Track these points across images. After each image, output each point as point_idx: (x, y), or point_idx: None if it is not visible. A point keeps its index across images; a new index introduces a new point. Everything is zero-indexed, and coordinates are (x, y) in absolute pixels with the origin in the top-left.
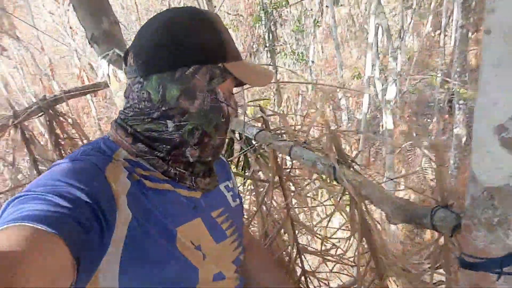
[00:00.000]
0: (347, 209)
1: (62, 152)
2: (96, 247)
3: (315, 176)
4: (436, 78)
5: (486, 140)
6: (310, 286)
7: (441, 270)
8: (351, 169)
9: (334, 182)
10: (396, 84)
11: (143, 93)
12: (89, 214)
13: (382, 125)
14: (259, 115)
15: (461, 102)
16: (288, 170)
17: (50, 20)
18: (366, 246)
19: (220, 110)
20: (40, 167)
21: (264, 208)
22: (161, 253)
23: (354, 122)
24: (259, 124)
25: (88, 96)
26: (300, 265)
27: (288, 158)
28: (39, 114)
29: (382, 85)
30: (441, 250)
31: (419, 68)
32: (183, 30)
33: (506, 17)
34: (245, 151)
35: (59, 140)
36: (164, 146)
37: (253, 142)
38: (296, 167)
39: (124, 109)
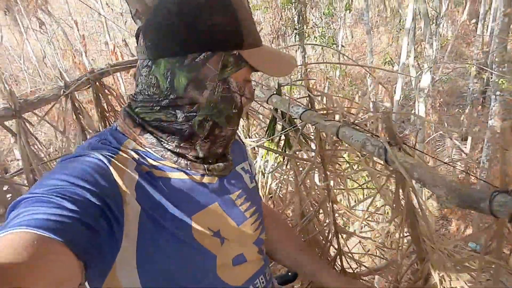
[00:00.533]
0: (390, 193)
1: (107, 123)
2: (107, 245)
3: (357, 158)
4: (472, 67)
5: None
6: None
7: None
8: (402, 151)
9: (378, 164)
10: (431, 72)
11: (151, 78)
12: (96, 213)
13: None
14: (304, 95)
15: (497, 93)
16: (331, 151)
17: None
18: (407, 230)
19: (232, 101)
20: (88, 137)
21: (303, 188)
22: (175, 243)
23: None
24: (304, 104)
25: (118, 75)
26: (336, 246)
27: (329, 140)
28: (87, 86)
29: (416, 73)
30: (494, 236)
31: (454, 57)
32: (196, 12)
33: None
34: (288, 129)
35: (105, 112)
36: (173, 137)
37: (297, 122)
38: (340, 148)
39: (134, 93)
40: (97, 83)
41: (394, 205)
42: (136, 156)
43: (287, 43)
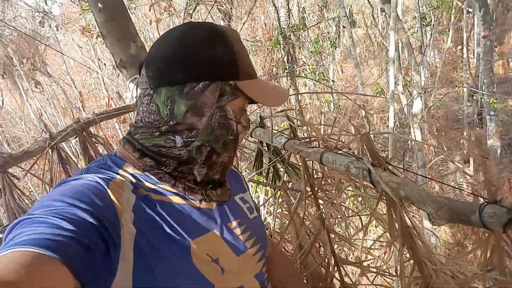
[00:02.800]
0: (385, 217)
1: None
2: (103, 267)
3: (347, 183)
4: (462, 90)
5: None
6: None
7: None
8: (386, 171)
9: (369, 187)
10: (421, 97)
11: (152, 106)
12: (93, 234)
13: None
14: (286, 126)
15: (492, 113)
16: (320, 179)
17: (78, 55)
18: (408, 253)
19: (228, 128)
20: None
21: (297, 219)
22: (173, 270)
23: (380, 139)
24: (287, 134)
25: (116, 125)
26: (338, 278)
27: (319, 167)
28: (73, 136)
29: (407, 100)
30: (493, 250)
31: (444, 82)
32: (196, 45)
33: None
34: (274, 161)
35: (93, 160)
36: (171, 161)
37: (282, 152)
38: (327, 176)
39: (134, 121)
40: (83, 133)
41: (390, 228)
42: (133, 179)
43: (280, 84)
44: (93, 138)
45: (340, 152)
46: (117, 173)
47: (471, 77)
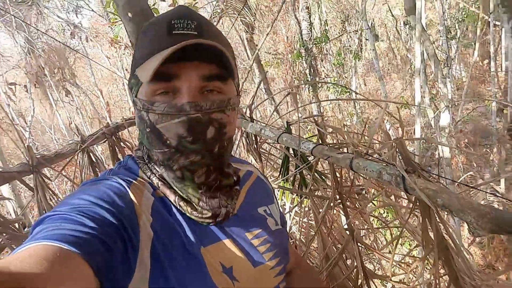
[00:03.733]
0: (417, 228)
1: None
2: (121, 267)
3: (377, 192)
4: (491, 104)
5: None
6: None
7: None
8: (421, 178)
9: (400, 197)
10: (449, 111)
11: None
12: (114, 234)
13: (438, 156)
14: (311, 133)
15: None
16: (349, 187)
17: (106, 65)
18: (443, 268)
19: (142, 120)
20: None
21: (324, 229)
22: (184, 277)
23: None
24: (314, 140)
25: None
26: None
27: (348, 175)
28: (103, 140)
29: (434, 113)
30: None
31: (471, 97)
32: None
33: None
34: (301, 168)
35: None
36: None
37: (310, 159)
38: (356, 185)
39: None
40: (112, 137)
41: (424, 241)
42: (150, 181)
43: (301, 95)
44: (121, 143)
45: (371, 158)
46: (137, 175)
47: (499, 91)
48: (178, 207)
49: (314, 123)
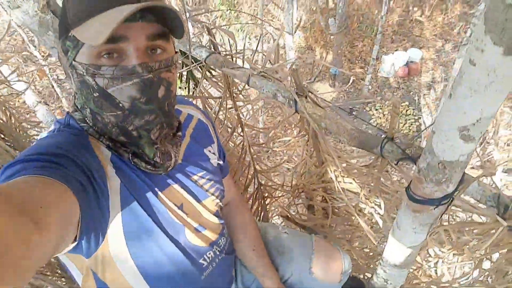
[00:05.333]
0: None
1: None
2: (95, 208)
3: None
4: None
5: (449, 133)
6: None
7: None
8: (309, 99)
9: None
10: None
11: None
12: (84, 177)
13: None
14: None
15: None
16: (239, 91)
17: None
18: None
19: (87, 85)
20: None
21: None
22: (151, 215)
23: None
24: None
25: None
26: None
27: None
28: None
29: None
30: (378, 170)
31: None
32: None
33: None
34: (191, 67)
35: None
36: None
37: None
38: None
39: None
40: None
41: (299, 126)
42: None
43: None
44: None
45: (267, 76)
46: (87, 133)
47: None
48: (133, 163)
49: (203, 27)
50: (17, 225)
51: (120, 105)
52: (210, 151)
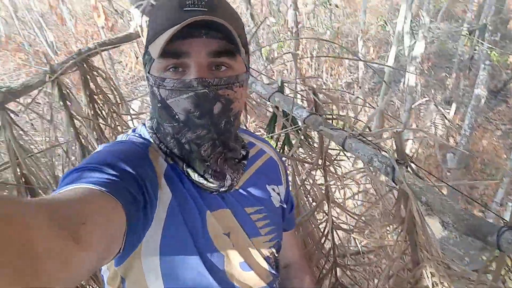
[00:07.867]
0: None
1: (96, 107)
2: (141, 219)
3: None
4: (462, 32)
5: None
6: (339, 262)
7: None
8: (410, 170)
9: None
10: (425, 39)
11: None
12: (136, 188)
13: (404, 82)
14: (309, 95)
15: (487, 62)
16: (335, 156)
17: None
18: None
19: (154, 96)
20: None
21: (303, 191)
22: (192, 235)
23: (370, 73)
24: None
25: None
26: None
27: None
28: (74, 69)
29: (410, 41)
30: (497, 265)
31: (446, 17)
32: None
33: None
34: (289, 129)
35: (94, 95)
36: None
37: (300, 123)
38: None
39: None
40: (84, 65)
41: (395, 211)
42: (164, 148)
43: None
44: (94, 72)
45: (364, 140)
46: (150, 141)
47: (474, 12)
48: (186, 174)
49: (310, 89)
50: (54, 240)
51: (176, 117)
52: (274, 190)
